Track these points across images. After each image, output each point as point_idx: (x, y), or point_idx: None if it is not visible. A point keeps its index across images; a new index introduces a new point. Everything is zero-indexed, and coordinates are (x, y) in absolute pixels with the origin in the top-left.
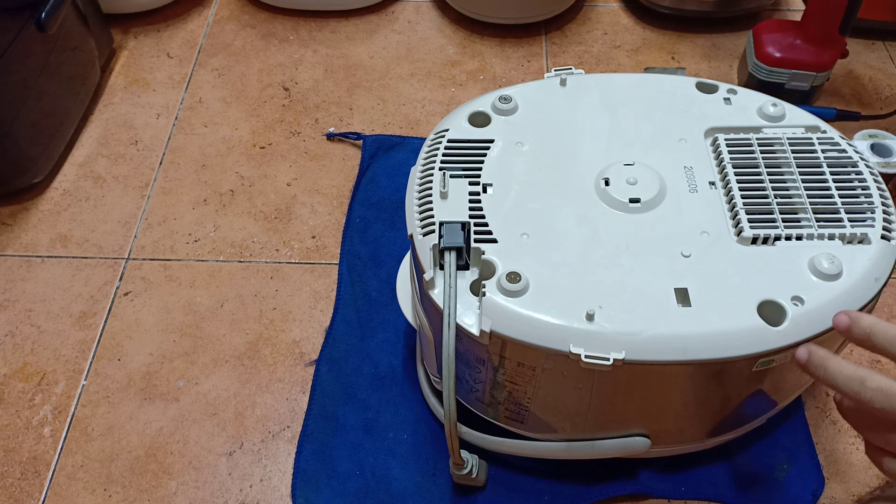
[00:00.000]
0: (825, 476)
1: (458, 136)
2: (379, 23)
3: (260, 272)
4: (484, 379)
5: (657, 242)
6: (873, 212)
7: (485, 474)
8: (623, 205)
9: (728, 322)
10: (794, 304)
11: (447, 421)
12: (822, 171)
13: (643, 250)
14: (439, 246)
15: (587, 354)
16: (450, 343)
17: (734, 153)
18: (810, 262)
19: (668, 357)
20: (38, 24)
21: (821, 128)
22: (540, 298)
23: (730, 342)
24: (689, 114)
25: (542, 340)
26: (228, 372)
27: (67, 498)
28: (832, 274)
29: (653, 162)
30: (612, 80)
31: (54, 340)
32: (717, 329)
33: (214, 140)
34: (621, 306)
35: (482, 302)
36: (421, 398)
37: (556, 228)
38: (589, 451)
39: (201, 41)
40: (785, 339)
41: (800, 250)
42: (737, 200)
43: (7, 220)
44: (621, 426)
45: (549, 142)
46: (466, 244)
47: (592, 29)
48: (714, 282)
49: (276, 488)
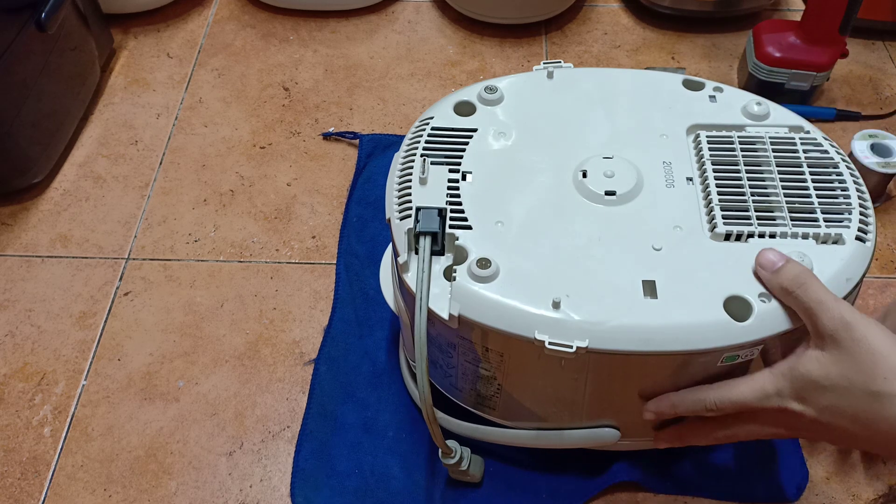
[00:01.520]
0: (825, 476)
1: (441, 123)
2: (379, 23)
3: (260, 272)
4: (456, 364)
5: (630, 235)
6: (850, 213)
7: (480, 470)
8: (599, 197)
9: (693, 315)
10: (762, 300)
11: (423, 403)
12: (801, 171)
13: (615, 242)
14: (414, 230)
15: (551, 341)
16: (421, 325)
17: (714, 150)
18: None
19: (631, 347)
20: (38, 24)
21: (804, 128)
22: (509, 285)
23: (693, 335)
24: (673, 110)
25: (508, 326)
26: (228, 372)
27: (67, 498)
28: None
29: (632, 156)
30: (599, 74)
31: (54, 340)
32: (681, 322)
33: (214, 140)
34: (588, 296)
35: (452, 286)
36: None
37: (531, 217)
38: (558, 441)
39: (201, 41)
40: (749, 335)
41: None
42: (713, 196)
43: (7, 220)
44: (591, 417)
45: (531, 133)
46: (441, 230)
47: (592, 29)
48: (683, 276)
49: (276, 488)
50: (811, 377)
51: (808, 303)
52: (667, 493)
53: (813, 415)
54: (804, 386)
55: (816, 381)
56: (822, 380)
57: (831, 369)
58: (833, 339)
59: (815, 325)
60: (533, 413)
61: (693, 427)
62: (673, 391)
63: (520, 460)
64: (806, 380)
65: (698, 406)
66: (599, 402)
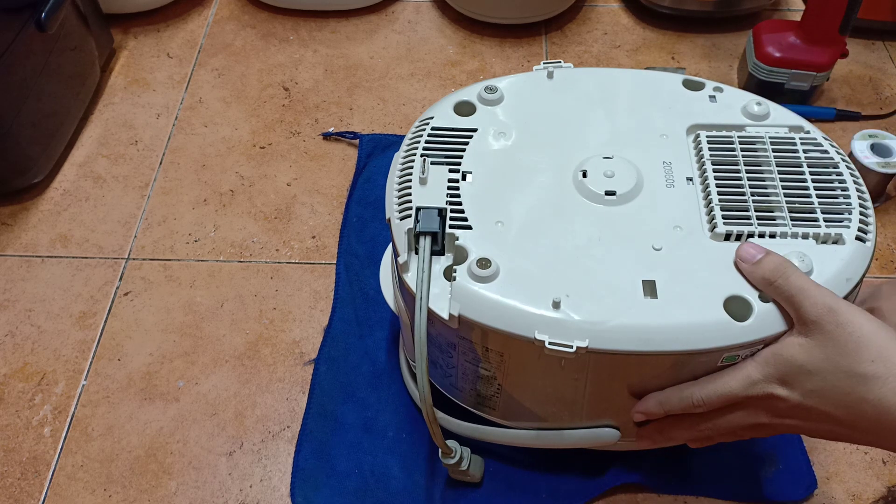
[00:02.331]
0: (825, 476)
1: (441, 123)
2: (379, 23)
3: (260, 272)
4: (456, 364)
5: (630, 235)
6: (850, 213)
7: (480, 470)
8: (599, 197)
9: (693, 315)
10: (762, 300)
11: (423, 403)
12: (801, 170)
13: (615, 242)
14: (414, 230)
15: (551, 341)
16: (421, 325)
17: (714, 150)
18: None
19: (630, 347)
20: (38, 24)
21: (804, 128)
22: (509, 285)
23: (693, 335)
24: (673, 110)
25: (508, 326)
26: (228, 372)
27: (67, 498)
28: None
29: (632, 156)
30: (599, 74)
31: (54, 340)
32: (681, 321)
33: (214, 140)
34: (588, 296)
35: (452, 286)
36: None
37: (531, 217)
38: (558, 441)
39: (201, 41)
40: (749, 335)
41: (772, 248)
42: (713, 196)
43: (7, 220)
44: (591, 417)
45: (531, 133)
46: (441, 230)
47: (592, 29)
48: (683, 275)
49: (276, 488)
50: (796, 362)
51: (791, 291)
52: (668, 493)
53: (798, 399)
54: (789, 370)
55: (802, 366)
56: (807, 364)
57: (815, 353)
58: (817, 324)
59: (799, 312)
60: (533, 413)
61: (674, 421)
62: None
63: (520, 460)
64: (791, 364)
65: (685, 403)
66: (599, 401)
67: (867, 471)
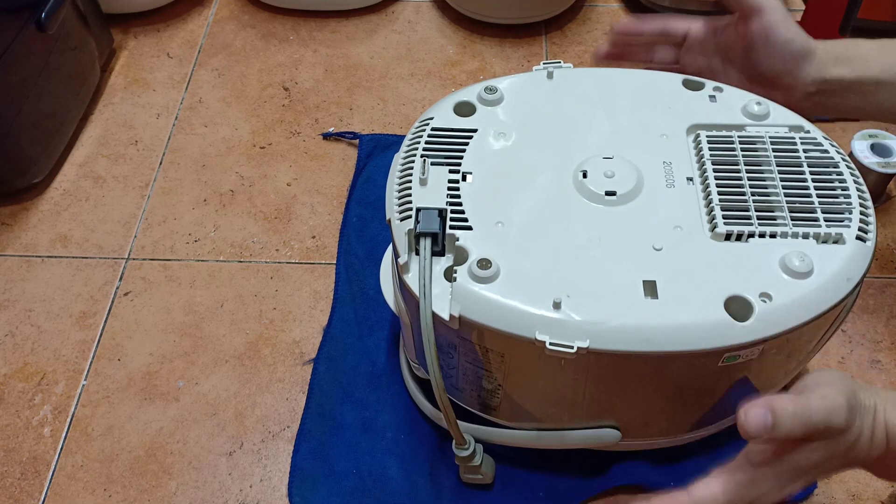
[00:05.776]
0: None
1: (441, 124)
2: (379, 23)
3: (260, 272)
4: (457, 364)
5: (630, 235)
6: (850, 212)
7: (491, 471)
8: (599, 197)
9: (693, 315)
10: (762, 300)
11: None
12: (801, 170)
13: (616, 242)
14: (415, 231)
15: (552, 342)
16: (427, 325)
17: (715, 150)
18: (781, 260)
19: (631, 347)
20: (38, 24)
21: (804, 127)
22: (509, 285)
23: (694, 335)
24: (673, 110)
25: (509, 326)
26: (228, 372)
27: (67, 498)
28: (802, 272)
29: (632, 156)
30: (598, 74)
31: (54, 340)
32: (681, 322)
33: (214, 140)
34: (589, 296)
35: (453, 287)
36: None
37: (532, 218)
38: (558, 441)
39: (201, 41)
40: (750, 335)
41: (773, 248)
42: (713, 196)
43: (7, 220)
44: (592, 417)
45: (531, 133)
46: (442, 230)
47: (592, 29)
48: (683, 275)
49: (276, 488)
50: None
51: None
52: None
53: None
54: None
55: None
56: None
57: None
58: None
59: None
60: (534, 413)
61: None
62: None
63: (519, 460)
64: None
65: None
66: (600, 402)
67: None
